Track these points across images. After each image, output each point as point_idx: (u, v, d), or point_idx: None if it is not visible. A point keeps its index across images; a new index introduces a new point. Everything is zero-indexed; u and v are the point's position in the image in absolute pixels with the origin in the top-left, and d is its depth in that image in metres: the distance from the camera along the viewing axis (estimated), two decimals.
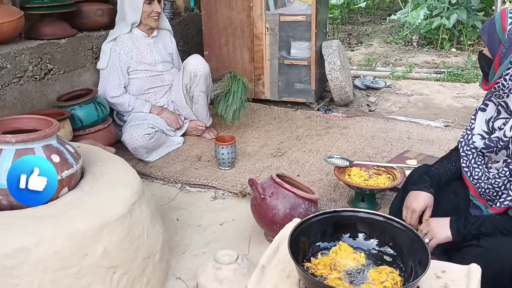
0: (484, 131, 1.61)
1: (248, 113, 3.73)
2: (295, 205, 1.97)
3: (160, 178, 2.69)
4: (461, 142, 1.71)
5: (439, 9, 5.75)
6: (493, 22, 1.45)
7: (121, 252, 1.56)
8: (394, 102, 4.03)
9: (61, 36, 2.86)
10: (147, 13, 2.99)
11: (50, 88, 2.79)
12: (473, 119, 1.67)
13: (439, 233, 1.56)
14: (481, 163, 1.63)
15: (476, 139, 1.62)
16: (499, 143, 1.51)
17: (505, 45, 1.41)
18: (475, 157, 1.65)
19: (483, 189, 1.60)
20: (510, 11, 1.43)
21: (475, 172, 1.64)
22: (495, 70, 1.45)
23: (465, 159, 1.68)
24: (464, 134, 1.70)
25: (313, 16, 3.60)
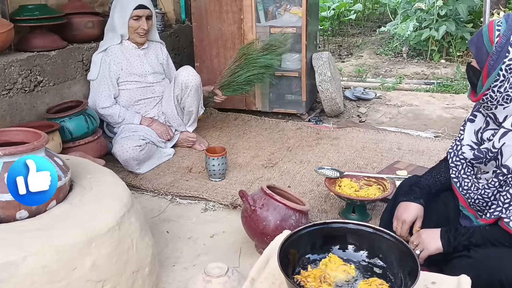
0: (473, 142, 1.62)
1: (239, 124, 3.74)
2: (286, 216, 1.96)
3: (150, 190, 2.68)
4: (450, 153, 1.72)
5: (428, 21, 5.82)
6: (481, 34, 1.47)
7: (110, 266, 1.55)
8: (384, 113, 4.06)
9: (51, 48, 2.85)
10: (133, 29, 3.00)
11: (40, 100, 2.78)
12: (462, 130, 1.68)
13: (429, 244, 1.56)
14: (470, 174, 1.64)
15: (466, 150, 1.62)
16: (488, 154, 1.52)
17: (493, 57, 1.42)
18: (464, 168, 1.66)
19: (473, 199, 1.61)
20: (498, 23, 1.44)
21: (465, 182, 1.65)
22: (483, 82, 1.47)
23: (454, 169, 1.69)
24: (453, 145, 1.71)
25: (303, 28, 3.63)
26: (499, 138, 1.48)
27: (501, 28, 1.42)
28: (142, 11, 2.98)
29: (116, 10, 3.01)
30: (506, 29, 1.41)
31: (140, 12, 2.97)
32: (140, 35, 3.02)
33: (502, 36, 1.41)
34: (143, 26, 2.99)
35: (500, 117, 1.50)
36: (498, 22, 1.44)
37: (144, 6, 2.99)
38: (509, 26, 1.41)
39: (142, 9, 2.98)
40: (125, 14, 2.97)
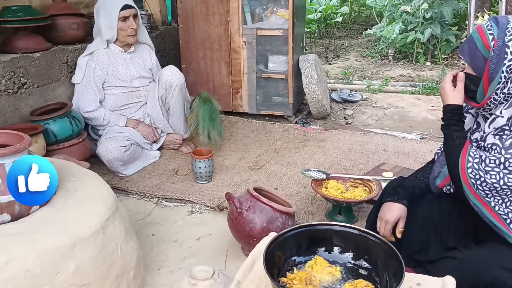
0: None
1: (226, 126, 3.72)
2: (272, 218, 1.96)
3: (136, 193, 2.66)
4: (437, 154, 1.73)
5: (414, 24, 5.87)
6: (472, 40, 1.47)
7: (94, 270, 1.53)
8: (370, 115, 4.08)
9: (35, 50, 2.81)
10: (123, 31, 2.97)
11: (24, 102, 2.74)
12: None
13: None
14: None
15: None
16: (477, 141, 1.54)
17: (493, 61, 1.43)
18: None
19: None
20: (487, 27, 1.45)
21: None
22: (485, 87, 1.47)
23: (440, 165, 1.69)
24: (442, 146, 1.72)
25: (290, 30, 3.64)
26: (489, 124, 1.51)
27: (493, 32, 1.43)
28: (129, 11, 2.96)
29: (100, 14, 2.98)
30: (499, 31, 1.42)
31: (127, 12, 2.95)
32: (131, 35, 3.00)
33: (498, 39, 1.41)
34: (133, 26, 2.97)
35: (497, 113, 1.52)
36: (487, 27, 1.45)
37: (130, 6, 2.96)
38: (501, 28, 1.42)
39: (128, 9, 2.95)
40: (112, 17, 2.94)
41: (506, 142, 1.41)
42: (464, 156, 1.48)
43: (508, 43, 1.40)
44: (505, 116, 1.46)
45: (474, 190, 1.46)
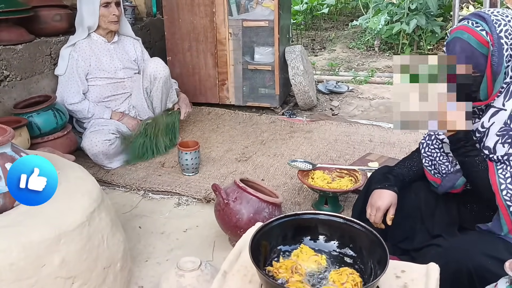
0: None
1: (213, 118, 3.72)
2: (259, 209, 1.97)
3: (122, 186, 2.65)
4: (422, 143, 1.74)
5: (399, 15, 5.90)
6: (464, 41, 1.45)
7: (80, 262, 1.53)
8: (356, 106, 4.10)
9: (17, 42, 2.77)
10: (105, 17, 2.93)
11: (7, 95, 2.70)
12: None
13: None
14: (447, 160, 1.66)
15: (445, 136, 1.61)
16: (475, 134, 1.53)
17: (494, 55, 1.42)
18: (439, 156, 1.67)
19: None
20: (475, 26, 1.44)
21: (441, 167, 1.66)
22: (490, 83, 1.46)
23: (429, 158, 1.70)
24: (426, 135, 1.73)
25: (275, 21, 3.63)
26: (489, 117, 1.49)
27: (484, 27, 1.43)
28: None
29: (83, 2, 2.94)
30: (489, 26, 1.43)
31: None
32: (113, 22, 2.96)
33: (492, 33, 1.42)
34: (115, 12, 2.93)
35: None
36: (474, 24, 1.45)
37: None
38: (489, 22, 1.43)
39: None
40: (94, 4, 2.91)
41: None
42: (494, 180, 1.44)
43: (501, 34, 1.42)
44: (508, 109, 1.45)
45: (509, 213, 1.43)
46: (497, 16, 1.44)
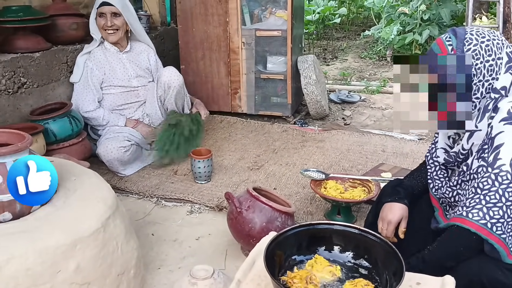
0: (447, 145, 1.65)
1: (225, 126, 3.74)
2: (272, 218, 1.97)
3: (135, 193, 2.66)
4: (427, 156, 1.75)
5: (412, 25, 5.89)
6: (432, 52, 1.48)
7: (95, 268, 1.54)
8: (369, 116, 4.09)
9: (35, 50, 2.82)
10: (100, 27, 2.98)
11: (24, 102, 2.74)
12: (436, 133, 1.71)
13: None
14: (443, 176, 1.66)
15: (440, 153, 1.65)
16: (458, 156, 1.55)
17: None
18: (437, 170, 1.68)
19: (441, 198, 1.65)
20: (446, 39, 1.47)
21: (436, 183, 1.68)
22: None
23: (429, 171, 1.71)
24: (430, 148, 1.74)
25: (288, 31, 3.65)
26: (467, 139, 1.51)
27: (452, 43, 1.46)
28: (105, 8, 2.95)
29: (92, 12, 3.03)
30: (457, 42, 1.45)
31: (103, 9, 2.96)
32: (108, 32, 2.99)
33: (457, 49, 1.44)
34: (107, 23, 2.96)
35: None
36: (446, 39, 1.48)
37: (108, 3, 2.95)
38: (459, 39, 1.45)
39: (105, 6, 2.95)
40: (93, 14, 2.99)
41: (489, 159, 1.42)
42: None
43: (467, 52, 1.43)
44: (482, 128, 1.47)
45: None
46: (473, 36, 1.45)
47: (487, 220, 1.38)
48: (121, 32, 3.03)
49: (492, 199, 1.38)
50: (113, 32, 3.00)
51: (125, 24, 3.03)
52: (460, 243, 1.43)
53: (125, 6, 3.02)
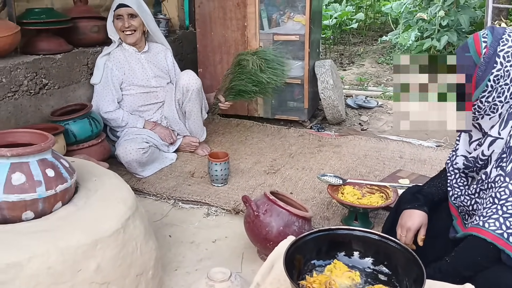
0: (468, 152, 1.64)
1: (241, 129, 3.75)
2: (289, 222, 1.97)
3: (153, 194, 2.68)
4: (447, 164, 1.73)
5: (430, 31, 5.85)
6: (466, 46, 1.48)
7: (114, 268, 1.55)
8: (386, 122, 4.07)
9: (56, 52, 2.86)
10: (117, 28, 3.03)
11: (45, 103, 2.79)
12: (457, 140, 1.70)
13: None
14: (462, 184, 1.65)
15: (459, 160, 1.64)
16: (478, 162, 1.54)
17: (481, 68, 1.43)
18: (457, 178, 1.67)
19: (459, 206, 1.63)
20: (483, 35, 1.46)
21: (455, 191, 1.66)
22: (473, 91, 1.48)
23: (449, 179, 1.70)
24: (450, 155, 1.73)
25: (306, 36, 3.65)
26: (488, 146, 1.49)
27: (487, 40, 1.44)
28: (123, 10, 2.99)
29: (109, 14, 3.08)
30: (492, 40, 1.43)
31: (121, 11, 3.00)
32: (126, 33, 3.03)
33: (490, 47, 1.43)
34: (124, 24, 3.00)
35: (486, 127, 1.52)
36: (483, 34, 1.46)
37: (125, 5, 3.00)
38: (495, 37, 1.44)
39: (122, 8, 3.00)
40: (110, 16, 3.03)
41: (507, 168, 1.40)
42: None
43: (499, 53, 1.42)
44: (504, 136, 1.46)
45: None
46: (510, 37, 1.43)
47: (504, 230, 1.37)
48: (138, 33, 3.07)
49: (509, 210, 1.38)
50: (131, 33, 3.04)
51: (142, 24, 3.07)
52: (477, 253, 1.41)
53: (140, 6, 3.06)
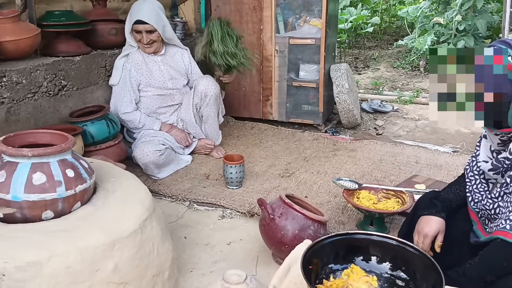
0: (489, 157, 1.62)
1: (256, 132, 3.76)
2: (304, 226, 1.97)
3: (169, 196, 2.70)
4: (466, 169, 1.72)
5: (446, 36, 5.81)
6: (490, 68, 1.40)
7: (132, 269, 1.57)
8: (401, 126, 4.05)
9: (75, 54, 2.90)
10: (136, 40, 3.06)
11: (63, 104, 2.83)
12: (478, 146, 1.68)
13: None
14: (483, 190, 1.63)
15: (482, 164, 1.62)
16: (505, 162, 1.52)
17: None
18: (477, 183, 1.65)
19: (480, 211, 1.61)
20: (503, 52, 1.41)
21: (476, 196, 1.64)
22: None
23: (468, 184, 1.68)
24: (470, 161, 1.71)
25: (322, 39, 3.66)
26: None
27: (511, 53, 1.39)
28: (140, 26, 3.00)
29: (127, 19, 3.09)
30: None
31: (138, 27, 3.00)
32: (145, 46, 3.06)
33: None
34: (143, 41, 3.03)
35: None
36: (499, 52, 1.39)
37: (142, 22, 2.98)
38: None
39: (140, 24, 2.99)
40: (128, 26, 3.05)
41: None
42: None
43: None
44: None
45: None
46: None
47: None
48: (157, 43, 3.10)
49: None
50: (149, 46, 3.07)
51: (160, 35, 3.09)
52: (503, 257, 1.40)
53: (158, 19, 3.03)
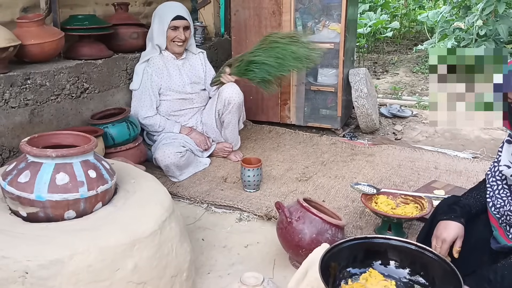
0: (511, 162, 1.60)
1: (273, 136, 3.77)
2: (322, 230, 1.97)
3: (187, 198, 2.73)
4: (488, 175, 1.70)
5: (467, 41, 5.74)
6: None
7: (151, 269, 1.59)
8: (420, 132, 4.02)
9: (98, 57, 2.96)
10: (170, 38, 3.09)
11: (85, 106, 2.88)
12: (499, 152, 1.66)
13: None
14: (506, 195, 1.61)
15: (504, 169, 1.60)
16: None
17: None
18: (499, 189, 1.64)
19: (502, 216, 1.59)
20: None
21: (498, 201, 1.62)
22: None
23: (489, 190, 1.67)
24: (492, 166, 1.70)
25: (341, 44, 3.65)
26: None
27: None
28: (180, 22, 3.06)
29: (155, 21, 3.12)
30: None
31: (178, 22, 3.06)
32: (178, 44, 3.10)
33: None
34: (180, 36, 3.07)
35: None
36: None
37: (182, 17, 3.07)
38: None
39: (179, 20, 3.06)
40: (164, 25, 3.06)
41: None
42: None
43: None
44: None
45: None
46: None
47: None
48: (186, 43, 3.16)
49: None
50: (181, 44, 3.12)
51: (190, 34, 3.17)
52: None
53: (190, 18, 3.15)
